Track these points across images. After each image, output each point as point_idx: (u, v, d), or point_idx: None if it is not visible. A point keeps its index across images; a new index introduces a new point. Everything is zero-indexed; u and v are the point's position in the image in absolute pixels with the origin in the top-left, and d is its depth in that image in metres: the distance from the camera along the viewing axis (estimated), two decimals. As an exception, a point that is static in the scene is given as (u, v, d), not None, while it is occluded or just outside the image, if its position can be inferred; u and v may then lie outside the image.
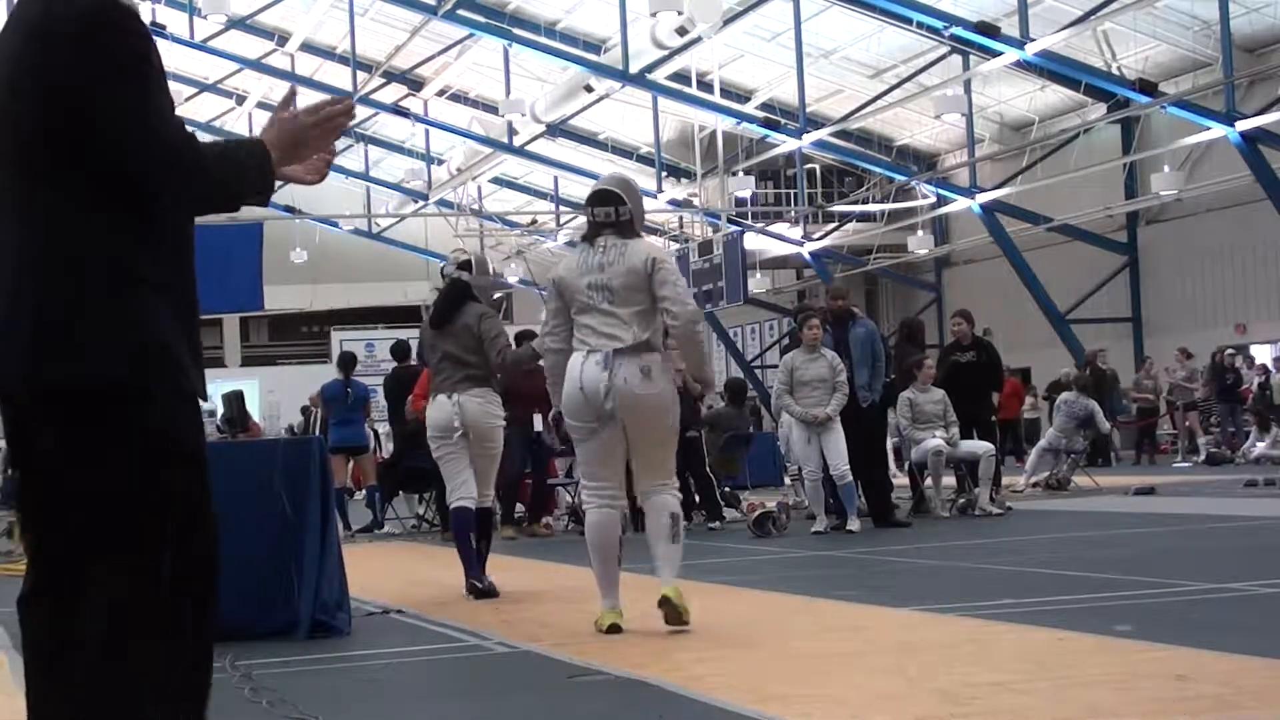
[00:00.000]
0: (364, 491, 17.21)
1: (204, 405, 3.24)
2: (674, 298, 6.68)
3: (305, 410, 27.59)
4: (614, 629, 6.63)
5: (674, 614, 6.51)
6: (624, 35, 29.07)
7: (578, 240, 7.13)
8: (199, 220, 3.22)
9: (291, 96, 3.28)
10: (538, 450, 14.38)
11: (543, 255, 42.98)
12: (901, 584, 8.49)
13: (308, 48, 36.01)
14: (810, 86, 30.71)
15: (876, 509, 13.04)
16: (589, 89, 32.74)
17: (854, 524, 12.32)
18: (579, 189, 41.52)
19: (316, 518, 7.11)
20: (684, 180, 37.24)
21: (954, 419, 13.98)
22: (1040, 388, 28.05)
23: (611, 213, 6.85)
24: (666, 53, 29.77)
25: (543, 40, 32.34)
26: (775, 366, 15.06)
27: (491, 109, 36.25)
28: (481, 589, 8.52)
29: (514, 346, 9.01)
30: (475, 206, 41.18)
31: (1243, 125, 24.79)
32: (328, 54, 36.62)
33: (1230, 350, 25.02)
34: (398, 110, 37.16)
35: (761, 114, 33.17)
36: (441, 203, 41.30)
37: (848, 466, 12.34)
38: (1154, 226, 31.50)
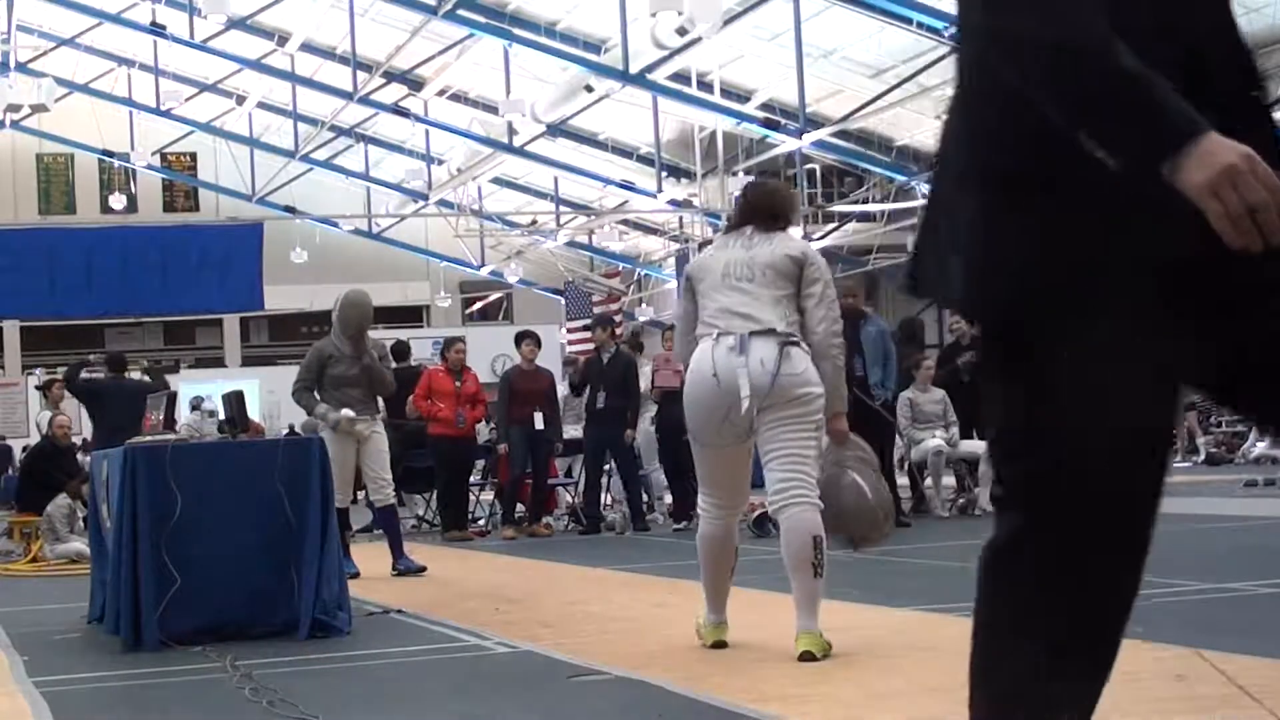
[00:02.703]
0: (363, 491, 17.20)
1: (205, 405, 3.19)
2: (823, 297, 5.94)
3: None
4: (719, 645, 6.16)
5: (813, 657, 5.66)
6: (624, 35, 29.07)
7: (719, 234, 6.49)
8: (197, 220, 3.02)
9: None
10: (538, 450, 14.38)
11: (543, 255, 42.99)
12: (901, 584, 8.49)
13: (308, 48, 36.00)
14: (810, 86, 30.69)
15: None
16: (589, 89, 32.74)
17: None
18: (579, 189, 41.56)
19: (316, 518, 7.12)
20: (684, 180, 37.24)
21: (954, 419, 13.99)
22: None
23: (768, 218, 6.15)
24: (666, 53, 29.76)
25: (543, 40, 32.33)
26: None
27: (491, 109, 36.22)
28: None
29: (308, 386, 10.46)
30: (475, 206, 41.17)
31: (1243, 125, 24.79)
32: (328, 54, 36.60)
33: None
34: (398, 110, 37.13)
35: (761, 114, 33.15)
36: (441, 203, 41.29)
37: None
38: (1154, 226, 31.50)
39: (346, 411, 10.17)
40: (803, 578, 5.72)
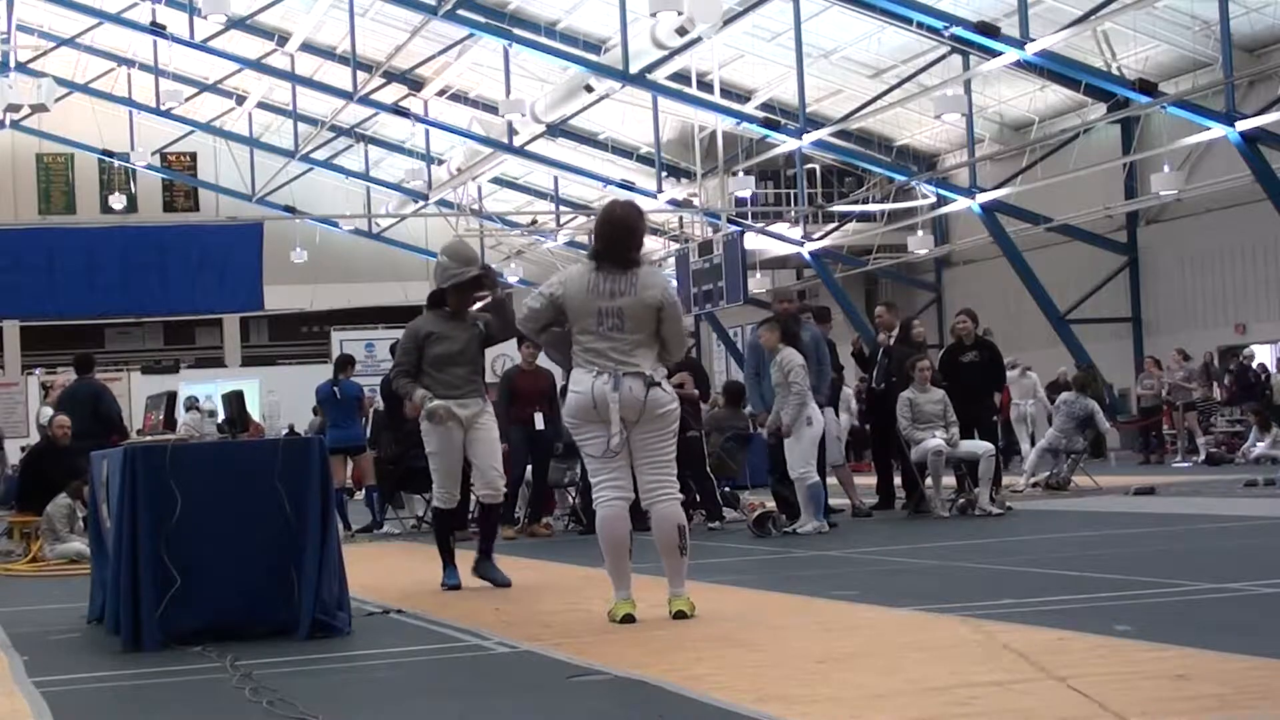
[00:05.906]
0: (363, 491, 17.20)
1: (205, 405, 3.15)
2: (675, 339, 7.14)
3: (316, 410, 27.70)
4: (628, 619, 6.84)
5: (684, 616, 6.90)
6: (624, 35, 29.07)
7: (584, 259, 7.20)
8: (197, 220, 3.05)
9: None
10: (538, 450, 14.36)
11: (543, 255, 42.98)
12: (901, 584, 8.49)
13: (308, 48, 36.00)
14: (810, 86, 30.70)
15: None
16: (589, 89, 32.74)
17: (806, 526, 12.32)
18: (579, 189, 41.54)
19: (316, 518, 7.11)
20: (684, 180, 37.24)
21: (954, 419, 13.98)
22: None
23: (627, 254, 7.07)
24: (666, 53, 29.76)
25: (543, 40, 32.33)
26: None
27: (491, 109, 36.23)
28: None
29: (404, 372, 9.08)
30: (475, 206, 41.17)
31: (1243, 125, 24.79)
32: (328, 54, 36.62)
33: (1247, 352, 25.04)
34: (398, 110, 37.14)
35: (761, 114, 33.16)
36: (441, 203, 41.30)
37: (806, 470, 12.43)
38: (1154, 226, 31.50)
39: (442, 402, 8.78)
40: (672, 558, 7.03)
